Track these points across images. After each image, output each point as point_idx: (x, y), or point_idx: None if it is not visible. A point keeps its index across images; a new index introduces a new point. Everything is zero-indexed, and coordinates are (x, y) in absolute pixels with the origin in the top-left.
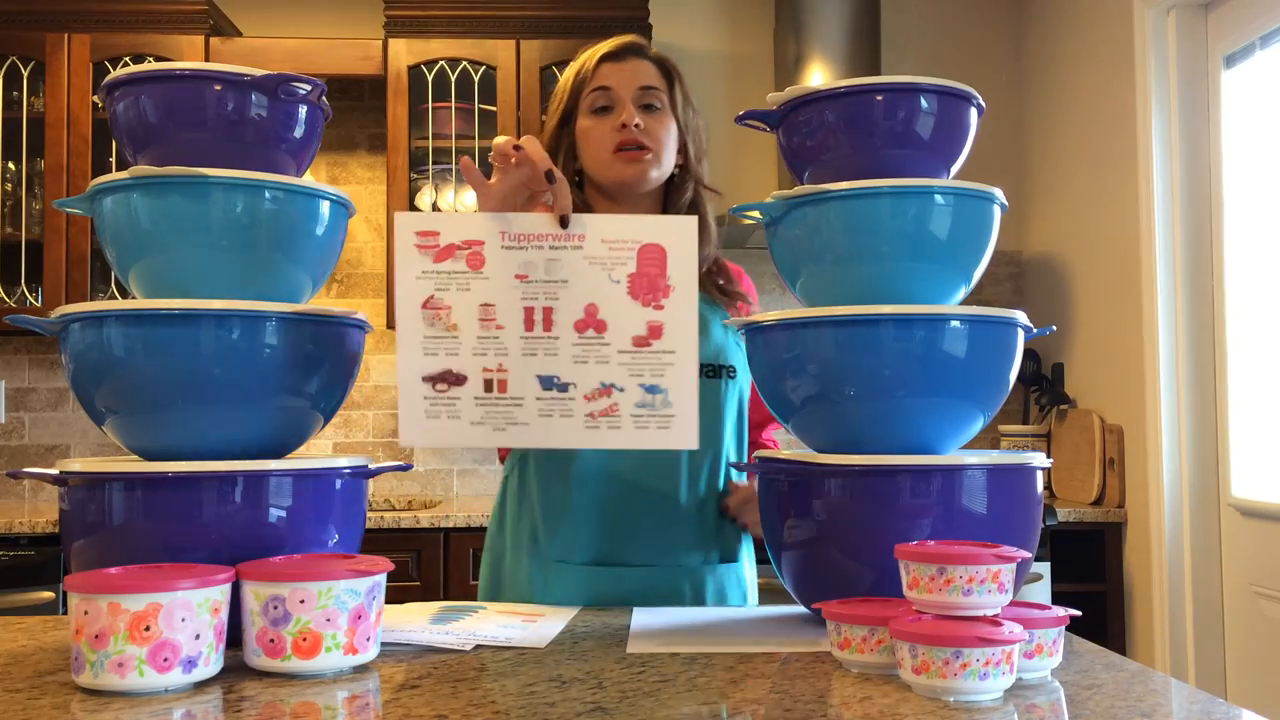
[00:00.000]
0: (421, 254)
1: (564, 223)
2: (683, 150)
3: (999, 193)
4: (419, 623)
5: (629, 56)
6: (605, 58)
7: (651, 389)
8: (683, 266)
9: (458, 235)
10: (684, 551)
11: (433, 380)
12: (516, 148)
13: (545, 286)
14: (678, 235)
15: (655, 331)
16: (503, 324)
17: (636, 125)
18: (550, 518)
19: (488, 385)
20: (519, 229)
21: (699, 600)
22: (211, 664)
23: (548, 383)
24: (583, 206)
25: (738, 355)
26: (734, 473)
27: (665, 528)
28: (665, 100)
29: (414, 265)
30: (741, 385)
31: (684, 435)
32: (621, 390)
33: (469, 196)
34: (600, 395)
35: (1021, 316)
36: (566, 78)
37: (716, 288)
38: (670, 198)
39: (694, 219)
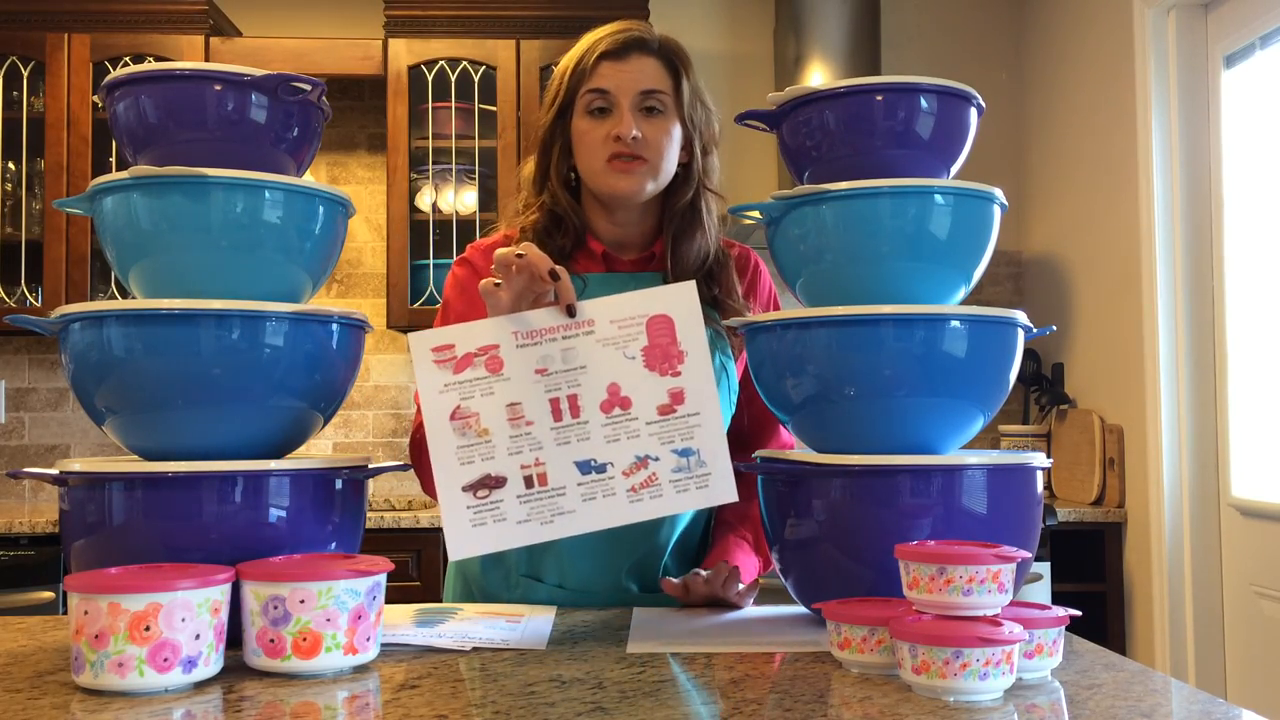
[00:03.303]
0: (440, 369)
1: (571, 312)
2: (687, 147)
3: (999, 193)
4: (403, 625)
5: (631, 54)
6: (605, 55)
7: (684, 453)
8: (691, 331)
9: (472, 344)
10: (653, 578)
11: (473, 488)
12: (519, 256)
13: (565, 376)
14: (681, 302)
15: (677, 398)
16: (532, 419)
17: (634, 137)
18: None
19: (528, 481)
20: (530, 326)
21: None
22: (211, 664)
23: (585, 467)
24: (574, 212)
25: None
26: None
27: (642, 555)
28: (669, 102)
29: (435, 381)
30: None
31: (723, 490)
32: (657, 460)
33: (469, 196)
34: (638, 469)
35: (1021, 316)
36: (564, 67)
37: (710, 299)
38: (669, 200)
39: (692, 285)
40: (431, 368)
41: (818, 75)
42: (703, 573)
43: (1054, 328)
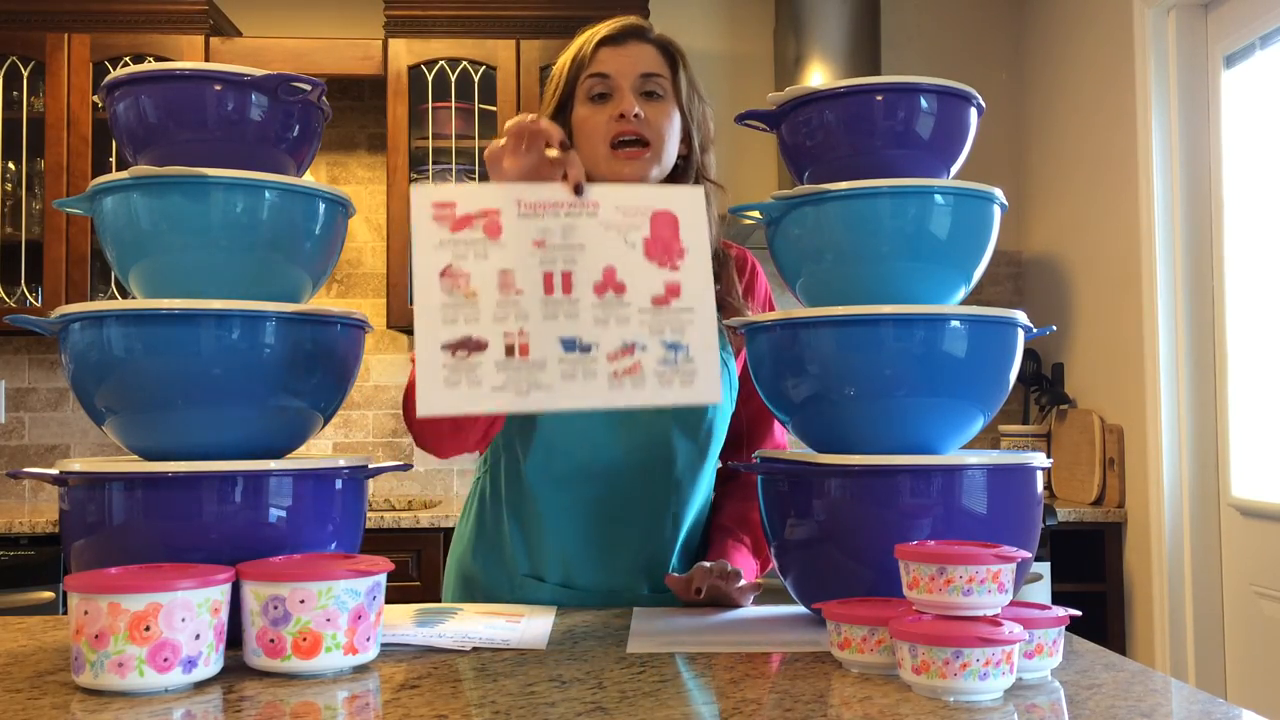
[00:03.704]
0: (438, 224)
1: (578, 191)
2: (686, 139)
3: (999, 193)
4: (403, 625)
5: (629, 40)
6: (604, 41)
7: (673, 346)
8: (694, 231)
9: (474, 205)
10: (659, 577)
11: (452, 348)
12: (531, 120)
13: (563, 251)
14: (687, 203)
15: (673, 291)
16: (522, 289)
17: (636, 115)
18: (522, 531)
19: (509, 350)
20: (534, 198)
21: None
22: (211, 664)
23: (570, 345)
24: None
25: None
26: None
27: (644, 550)
28: (668, 87)
29: (431, 235)
30: (732, 381)
31: (707, 389)
32: (644, 348)
33: None
34: (623, 354)
35: (1021, 316)
36: (564, 61)
37: None
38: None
39: (700, 189)
40: (429, 222)
41: (818, 75)
42: (706, 564)
43: (1054, 328)
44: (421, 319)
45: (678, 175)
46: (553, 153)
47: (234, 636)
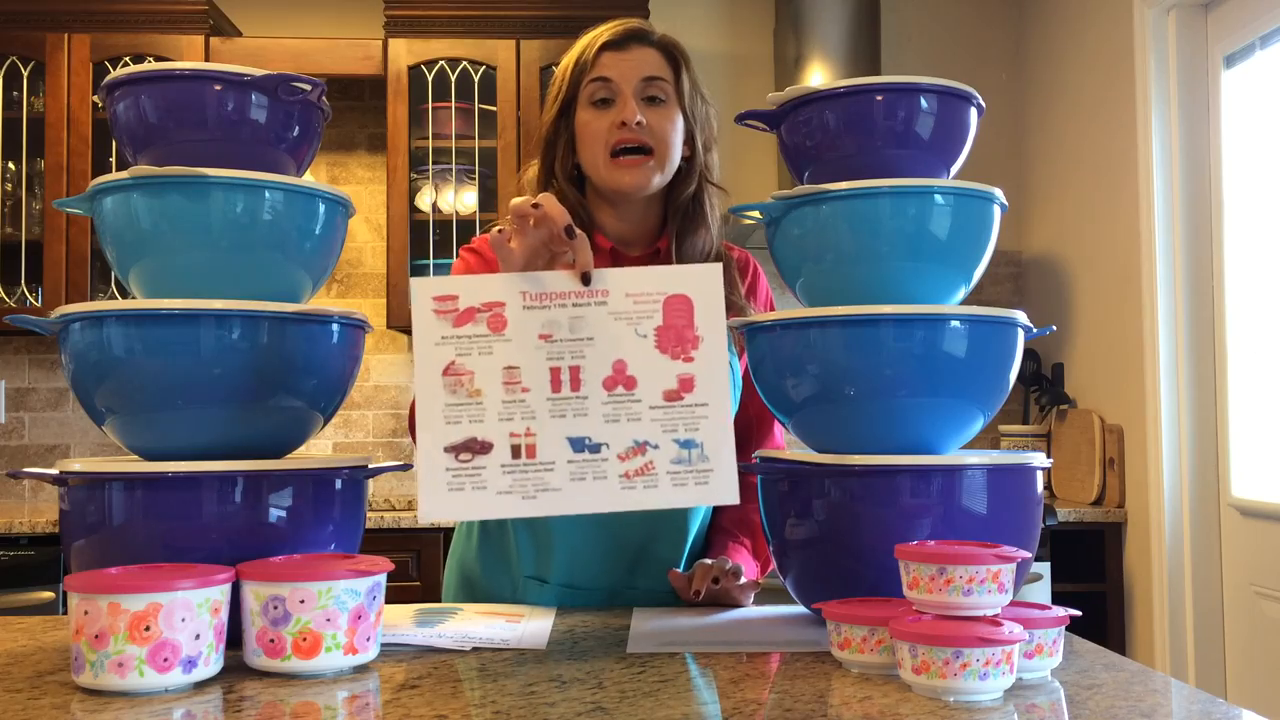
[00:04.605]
0: (440, 319)
1: (586, 279)
2: (689, 141)
3: (999, 193)
4: (403, 625)
5: (631, 44)
6: (606, 45)
7: (686, 444)
8: (710, 316)
9: (477, 298)
10: (663, 576)
11: (456, 450)
12: (535, 205)
13: (571, 345)
14: (703, 284)
15: (686, 385)
16: (528, 386)
17: (638, 123)
18: (529, 532)
19: (515, 451)
20: (540, 288)
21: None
22: (211, 664)
23: (579, 445)
24: (580, 207)
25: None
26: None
27: (650, 549)
28: (670, 91)
29: (433, 331)
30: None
31: (723, 490)
32: (656, 447)
33: (469, 196)
34: (634, 454)
35: (1021, 316)
36: (566, 63)
37: None
38: (673, 193)
39: (718, 267)
40: (430, 316)
41: (818, 75)
42: (707, 561)
43: (1054, 328)
44: (424, 419)
45: (680, 178)
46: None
47: (234, 636)
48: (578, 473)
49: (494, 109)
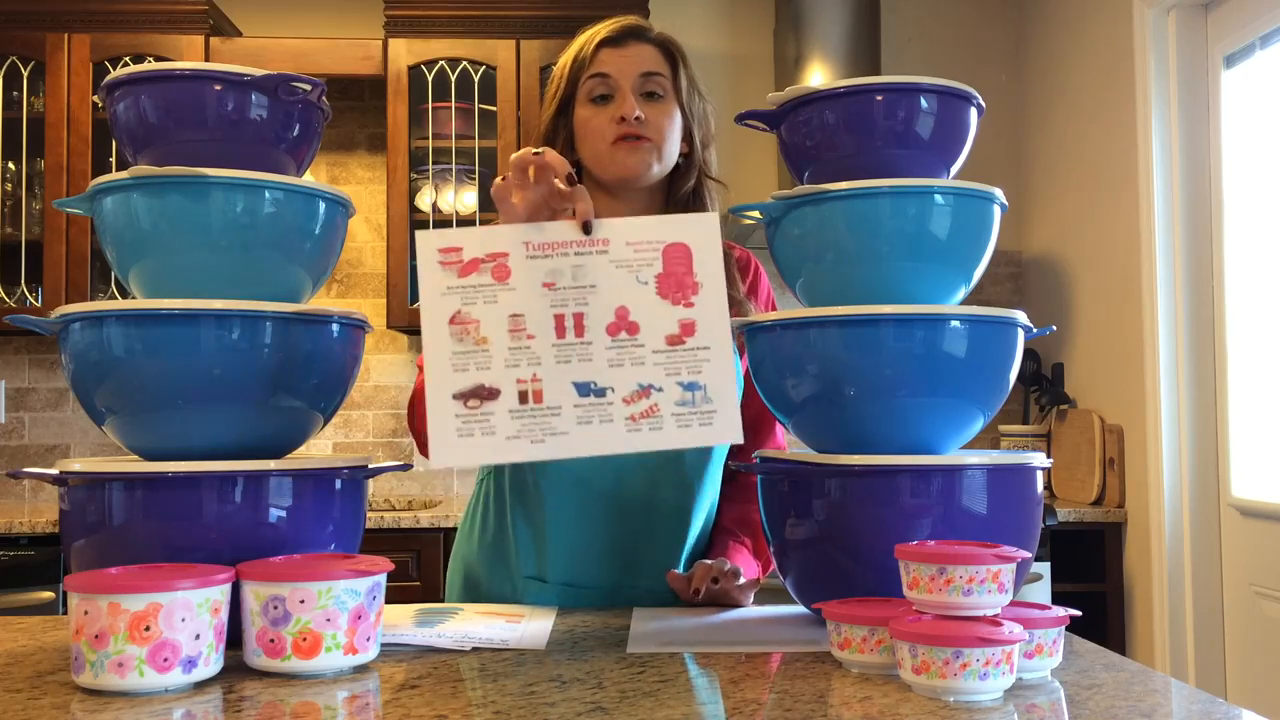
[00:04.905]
0: (445, 270)
1: (587, 229)
2: (687, 138)
3: (999, 193)
4: (403, 625)
5: (629, 41)
6: (604, 42)
7: (690, 386)
8: (709, 263)
9: (481, 249)
10: (661, 577)
11: (464, 397)
12: (537, 154)
13: (574, 292)
14: (701, 232)
15: (688, 329)
16: (534, 333)
17: (637, 118)
18: (530, 532)
19: (522, 397)
20: (542, 238)
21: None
22: (211, 664)
23: (584, 389)
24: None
25: None
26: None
27: (651, 549)
28: (668, 86)
29: (438, 282)
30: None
31: (727, 429)
32: (660, 390)
33: (469, 196)
34: (639, 397)
35: (1021, 316)
36: (564, 61)
37: None
38: (673, 187)
39: (715, 216)
40: (436, 269)
41: (818, 75)
42: (707, 561)
43: (1054, 328)
44: (431, 368)
45: (679, 173)
46: (560, 185)
47: (234, 636)
48: (584, 416)
49: (494, 109)
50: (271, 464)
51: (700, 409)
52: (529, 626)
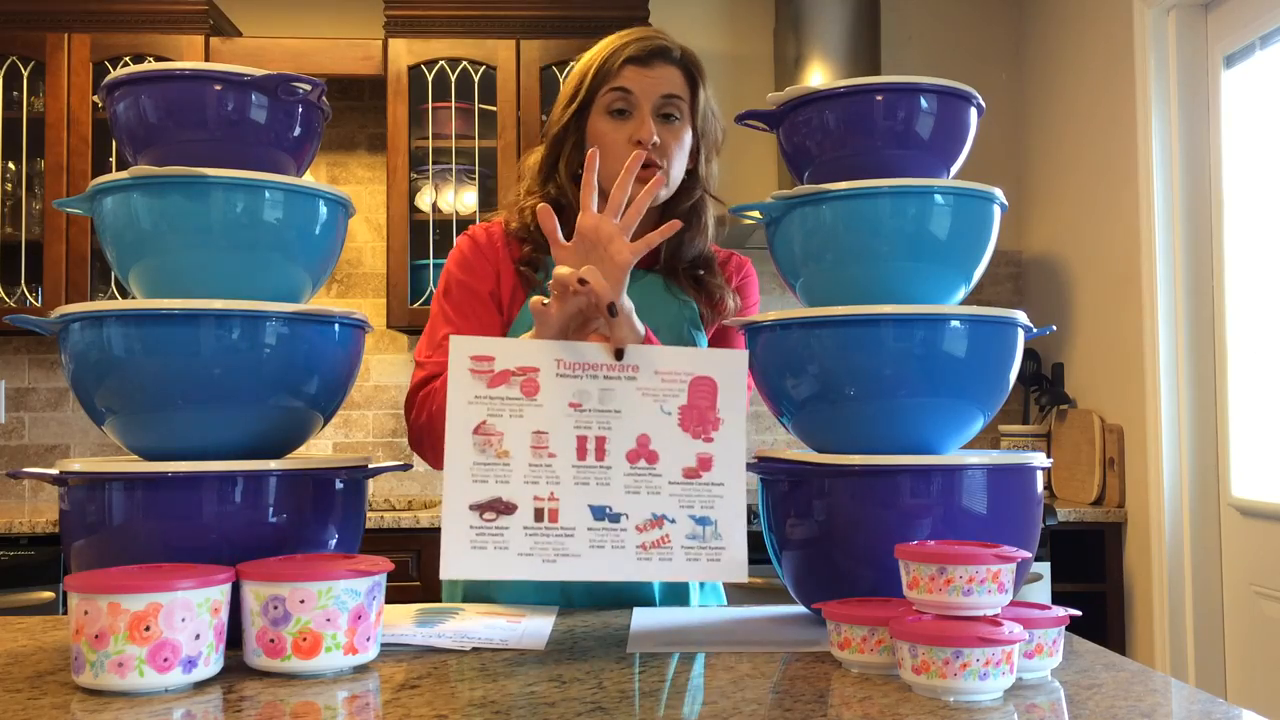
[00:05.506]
0: (475, 379)
1: (619, 355)
2: (693, 155)
3: (999, 193)
4: (403, 625)
5: (656, 61)
6: (630, 60)
7: (702, 520)
8: (732, 400)
9: (513, 361)
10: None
11: (481, 509)
12: (582, 281)
13: (598, 415)
14: (729, 369)
15: (705, 463)
16: (555, 452)
17: (655, 143)
18: None
19: (538, 514)
20: (574, 358)
21: (665, 598)
22: (211, 664)
23: (600, 513)
24: (576, 205)
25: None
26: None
27: None
28: (685, 109)
29: (467, 389)
30: None
31: (733, 568)
32: (673, 521)
33: (469, 196)
34: (652, 526)
35: (1021, 316)
36: (586, 65)
37: (691, 277)
38: (673, 202)
39: (744, 355)
40: (466, 375)
41: (818, 75)
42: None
43: (1054, 328)
44: (451, 476)
45: (681, 189)
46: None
47: (234, 636)
48: (597, 540)
49: (494, 109)
50: (272, 464)
51: (709, 544)
52: (529, 626)
